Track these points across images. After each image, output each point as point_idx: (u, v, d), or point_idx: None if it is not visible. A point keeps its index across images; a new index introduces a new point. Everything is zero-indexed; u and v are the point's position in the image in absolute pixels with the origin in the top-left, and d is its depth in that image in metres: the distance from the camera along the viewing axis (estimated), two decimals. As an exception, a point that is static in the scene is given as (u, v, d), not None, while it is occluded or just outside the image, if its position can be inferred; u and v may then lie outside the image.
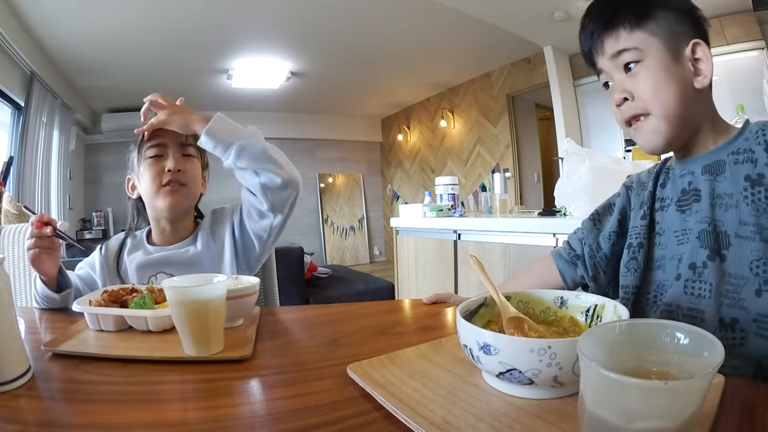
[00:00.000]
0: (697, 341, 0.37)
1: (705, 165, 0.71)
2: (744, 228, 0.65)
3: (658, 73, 0.70)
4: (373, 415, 0.46)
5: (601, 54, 0.74)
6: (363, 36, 4.11)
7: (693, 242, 0.69)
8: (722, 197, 0.68)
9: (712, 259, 0.67)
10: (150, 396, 0.54)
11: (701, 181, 0.71)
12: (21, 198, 3.46)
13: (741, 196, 0.66)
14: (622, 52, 0.71)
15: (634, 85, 0.71)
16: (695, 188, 0.72)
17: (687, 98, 0.70)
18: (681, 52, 0.70)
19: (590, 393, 0.34)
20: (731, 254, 0.66)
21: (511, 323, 0.55)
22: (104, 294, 0.80)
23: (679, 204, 0.74)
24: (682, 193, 0.74)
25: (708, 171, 0.71)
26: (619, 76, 0.73)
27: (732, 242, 0.66)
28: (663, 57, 0.70)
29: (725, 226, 0.67)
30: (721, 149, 0.70)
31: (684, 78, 0.70)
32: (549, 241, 1.87)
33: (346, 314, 0.91)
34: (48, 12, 3.22)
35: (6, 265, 0.75)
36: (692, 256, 0.69)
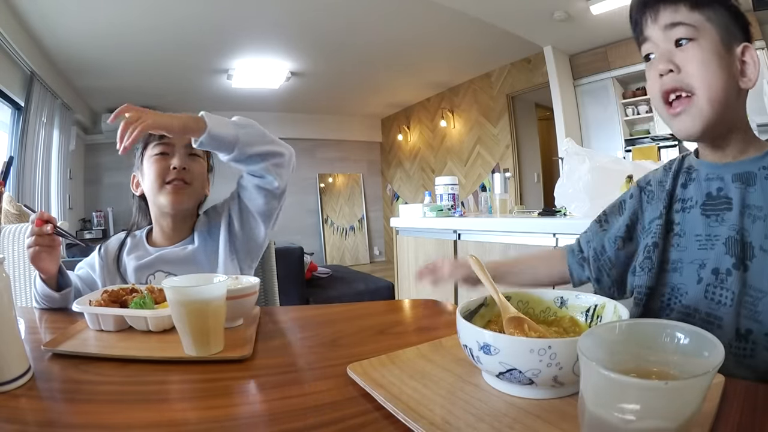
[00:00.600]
0: (697, 341, 0.37)
1: (735, 173, 0.70)
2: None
3: (710, 55, 0.68)
4: (373, 415, 0.46)
5: (653, 21, 0.71)
6: (363, 36, 4.11)
7: (719, 248, 0.68)
8: (752, 208, 0.67)
9: (737, 267, 0.66)
10: (150, 396, 0.54)
11: (732, 188, 0.70)
12: (21, 198, 3.46)
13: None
14: (678, 25, 0.69)
15: (684, 60, 0.69)
16: (726, 196, 0.71)
17: (732, 90, 0.68)
18: (732, 48, 0.69)
19: (590, 393, 0.34)
20: (754, 266, 0.65)
21: (511, 323, 0.55)
22: (104, 294, 0.80)
23: (704, 208, 0.72)
24: (708, 197, 0.73)
25: (739, 179, 0.70)
26: (668, 46, 0.70)
27: (756, 254, 0.65)
28: (716, 44, 0.68)
29: (751, 236, 0.66)
30: (753, 162, 0.70)
31: (732, 71, 0.68)
32: (549, 241, 1.86)
33: (346, 314, 0.91)
34: (48, 12, 3.22)
35: (6, 265, 0.75)
36: (716, 261, 0.68)
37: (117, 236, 1.14)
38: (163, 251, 1.06)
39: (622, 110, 4.18)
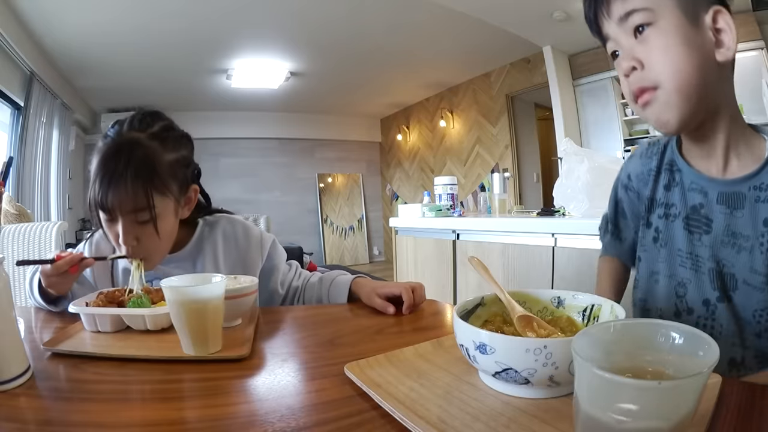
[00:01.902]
0: (692, 341, 0.37)
1: (722, 192, 0.65)
2: (754, 277, 0.61)
3: (673, 38, 0.60)
4: (369, 414, 0.46)
5: (607, 17, 0.64)
6: (362, 36, 4.11)
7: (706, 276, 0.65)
8: (737, 237, 0.63)
9: (722, 300, 0.64)
10: (149, 395, 0.54)
11: (716, 211, 0.65)
12: (21, 198, 3.46)
13: (757, 241, 0.61)
14: (632, 13, 0.62)
15: (645, 52, 0.61)
16: (707, 216, 0.66)
17: (707, 70, 0.60)
18: (700, 18, 0.60)
19: (584, 393, 0.34)
20: (737, 298, 0.63)
21: (521, 321, 0.55)
22: (100, 296, 0.80)
23: (687, 221, 0.68)
24: (693, 210, 0.68)
25: (725, 202, 0.64)
26: (629, 41, 0.63)
27: (739, 287, 0.63)
28: (679, 20, 0.60)
29: (735, 268, 0.63)
30: (742, 182, 0.63)
31: (704, 47, 0.60)
32: (548, 241, 1.87)
33: (344, 314, 0.91)
34: (48, 12, 3.22)
35: (6, 265, 0.75)
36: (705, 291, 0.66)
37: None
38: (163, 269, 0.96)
39: (621, 110, 4.18)
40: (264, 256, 1.05)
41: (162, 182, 0.86)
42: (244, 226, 1.06)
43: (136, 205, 0.83)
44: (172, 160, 0.89)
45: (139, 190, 0.82)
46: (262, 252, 1.05)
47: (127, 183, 0.81)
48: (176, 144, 0.92)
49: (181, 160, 0.92)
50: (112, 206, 0.82)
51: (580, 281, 1.69)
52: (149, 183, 0.83)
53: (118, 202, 0.81)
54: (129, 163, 0.81)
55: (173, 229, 0.93)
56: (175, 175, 0.90)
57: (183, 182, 0.93)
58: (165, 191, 0.87)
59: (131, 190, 0.81)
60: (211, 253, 1.01)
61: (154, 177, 0.84)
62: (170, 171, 0.88)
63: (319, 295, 1.03)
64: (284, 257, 1.10)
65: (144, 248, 0.87)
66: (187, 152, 0.96)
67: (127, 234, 0.84)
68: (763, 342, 0.63)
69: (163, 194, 0.86)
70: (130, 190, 0.81)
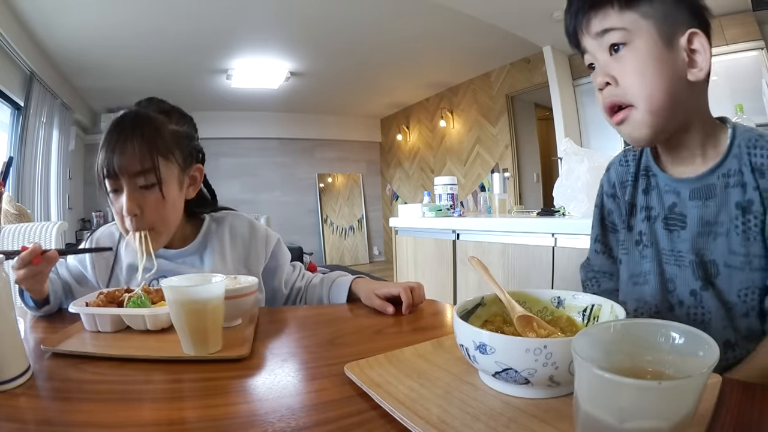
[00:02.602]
0: (692, 341, 0.37)
1: (693, 189, 0.68)
2: (733, 258, 0.64)
3: (646, 60, 0.63)
4: (369, 414, 0.46)
5: (585, 32, 0.68)
6: (362, 36, 4.11)
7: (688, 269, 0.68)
8: (711, 224, 0.66)
9: (705, 288, 0.67)
10: (148, 395, 0.54)
11: (688, 206, 0.68)
12: (21, 198, 3.46)
13: (732, 225, 0.64)
14: (608, 31, 0.65)
15: (620, 70, 0.65)
16: (681, 213, 0.69)
17: (677, 91, 0.64)
18: (675, 40, 0.64)
19: (584, 392, 0.34)
20: (720, 282, 0.66)
21: (521, 321, 0.55)
22: (100, 296, 0.80)
23: (666, 221, 0.71)
24: (669, 210, 0.71)
25: (697, 196, 0.67)
26: (604, 57, 0.67)
27: (720, 271, 0.65)
28: (654, 42, 0.63)
29: (714, 254, 0.66)
30: (711, 173, 0.66)
31: (675, 68, 0.64)
32: (548, 241, 1.87)
33: (344, 314, 0.92)
34: (48, 12, 3.22)
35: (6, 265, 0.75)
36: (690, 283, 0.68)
37: (108, 228, 1.03)
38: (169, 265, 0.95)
39: (622, 110, 4.17)
40: (268, 253, 1.06)
41: (166, 147, 0.88)
42: (251, 222, 1.07)
43: (142, 167, 0.84)
44: (175, 130, 0.93)
45: (144, 152, 0.84)
46: (266, 249, 1.06)
47: (133, 144, 0.83)
48: (180, 119, 0.97)
49: (184, 134, 0.95)
50: (119, 168, 0.83)
51: (580, 281, 1.69)
52: (154, 146, 0.85)
53: (123, 163, 0.83)
54: (134, 128, 0.85)
55: (177, 203, 0.94)
56: (178, 144, 0.92)
57: (187, 155, 0.95)
58: (169, 156, 0.89)
59: (137, 151, 0.84)
60: (218, 248, 1.01)
61: (158, 140, 0.87)
62: (174, 139, 0.91)
63: (320, 296, 1.04)
64: (288, 257, 1.11)
65: (148, 218, 0.87)
66: (189, 129, 0.99)
67: (131, 200, 0.85)
68: (751, 321, 0.64)
69: (167, 159, 0.89)
70: (136, 151, 0.83)
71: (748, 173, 0.63)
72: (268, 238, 1.07)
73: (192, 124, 1.01)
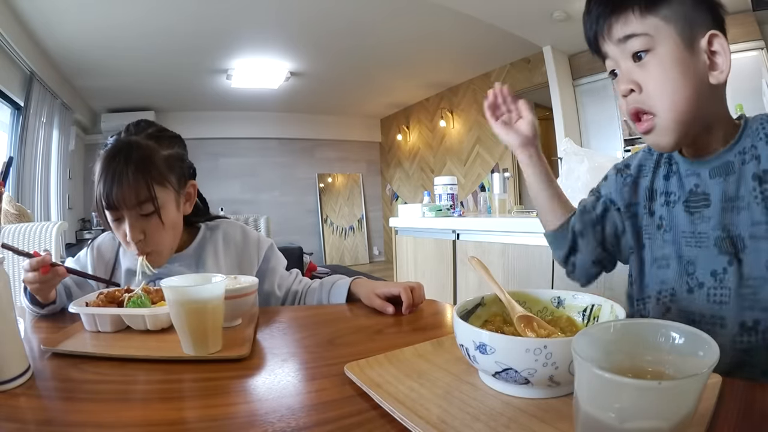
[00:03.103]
0: (692, 341, 0.37)
1: (713, 167, 0.68)
2: (757, 228, 0.64)
3: (670, 68, 0.63)
4: (369, 414, 0.46)
5: (607, 39, 0.67)
6: (362, 36, 4.11)
7: (711, 249, 0.68)
8: (733, 200, 0.66)
9: (731, 263, 0.66)
10: (148, 395, 0.54)
11: (710, 184, 0.68)
12: (21, 198, 3.46)
13: (751, 196, 0.64)
14: (631, 37, 0.65)
15: (644, 78, 0.65)
16: (704, 192, 0.69)
17: (700, 96, 0.64)
18: (696, 42, 0.64)
19: (584, 392, 0.34)
20: (747, 257, 0.65)
21: (521, 321, 0.55)
22: (100, 296, 0.80)
23: (687, 204, 0.71)
24: (690, 193, 0.71)
25: (718, 173, 0.68)
26: (627, 64, 0.67)
27: (747, 244, 0.65)
28: (676, 47, 0.63)
29: (739, 229, 0.66)
30: (728, 150, 0.67)
31: (697, 72, 0.64)
32: (548, 241, 1.86)
33: (344, 314, 0.92)
34: (48, 12, 3.22)
35: (6, 265, 0.75)
36: (712, 263, 0.68)
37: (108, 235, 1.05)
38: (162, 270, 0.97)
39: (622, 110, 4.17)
40: (260, 257, 1.09)
41: (161, 174, 0.92)
42: (243, 229, 1.11)
43: (139, 198, 0.88)
44: (167, 155, 0.96)
45: (141, 183, 0.88)
46: (258, 253, 1.09)
47: (128, 177, 0.87)
48: (170, 142, 0.99)
49: (176, 156, 0.99)
50: (118, 202, 0.87)
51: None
52: (149, 175, 0.89)
53: (122, 197, 0.87)
54: (129, 160, 0.88)
55: (177, 222, 0.98)
56: (172, 168, 0.96)
57: (180, 176, 0.99)
58: (164, 182, 0.93)
59: (133, 183, 0.87)
60: (213, 252, 1.05)
61: (153, 169, 0.90)
62: (167, 164, 0.95)
63: (319, 298, 1.06)
64: (283, 262, 1.13)
65: (151, 242, 0.92)
66: (180, 150, 1.02)
67: (134, 228, 0.89)
68: None
69: (163, 185, 0.93)
70: (132, 184, 0.87)
71: (762, 145, 0.65)
72: (260, 243, 1.10)
73: (181, 143, 1.04)
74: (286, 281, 1.10)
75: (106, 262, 1.03)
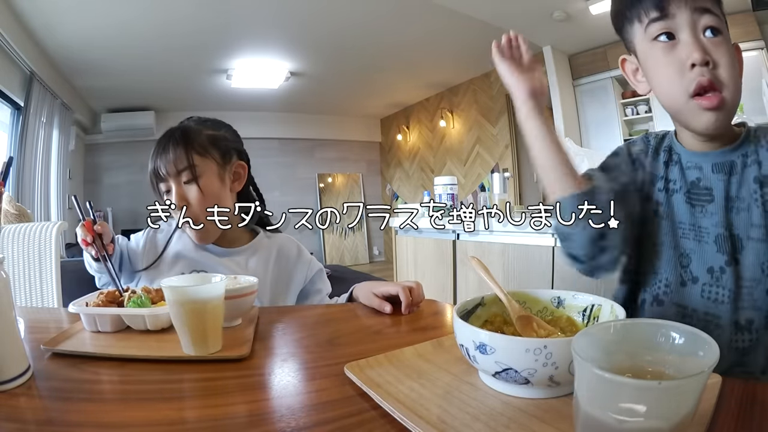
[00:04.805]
0: (692, 341, 0.37)
1: (715, 163, 0.69)
2: (755, 230, 0.65)
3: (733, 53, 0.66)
4: (369, 414, 0.46)
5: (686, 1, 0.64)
6: (362, 36, 4.11)
7: (710, 246, 0.68)
8: (734, 200, 0.67)
9: (730, 264, 0.66)
10: (148, 395, 0.54)
11: (713, 179, 0.69)
12: (21, 198, 3.46)
13: (752, 198, 0.66)
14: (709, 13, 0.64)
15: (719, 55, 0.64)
16: (706, 187, 0.70)
17: None
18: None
19: (584, 393, 0.34)
20: (744, 258, 0.66)
21: (521, 321, 0.55)
22: (100, 296, 0.80)
23: (689, 195, 0.71)
24: (692, 185, 0.71)
25: (720, 170, 0.69)
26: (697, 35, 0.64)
27: (744, 245, 0.66)
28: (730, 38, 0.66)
29: (737, 229, 0.66)
30: (732, 150, 0.69)
31: None
32: (548, 241, 1.87)
33: (344, 314, 0.92)
34: (48, 12, 3.22)
35: (6, 265, 0.75)
36: (710, 260, 0.68)
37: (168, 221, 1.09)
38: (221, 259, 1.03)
39: (622, 110, 4.18)
40: (308, 277, 1.13)
41: (201, 146, 1.01)
42: (299, 247, 1.17)
43: (179, 166, 0.98)
44: (211, 134, 1.06)
45: (181, 153, 0.98)
46: (307, 273, 1.13)
47: (170, 149, 0.99)
48: (216, 125, 1.10)
49: (221, 136, 1.08)
50: (162, 172, 0.99)
51: (580, 281, 1.68)
52: (189, 146, 0.99)
53: (165, 165, 0.98)
54: (172, 136, 1.01)
55: (220, 195, 1.04)
56: (214, 143, 1.05)
57: (225, 152, 1.06)
58: (204, 153, 1.02)
59: (174, 153, 0.98)
60: (264, 257, 1.09)
61: (194, 142, 1.01)
62: (210, 140, 1.04)
63: None
64: (328, 289, 1.16)
65: (195, 209, 0.99)
66: (227, 133, 1.11)
67: (178, 195, 0.99)
68: None
69: (203, 156, 1.01)
70: (173, 154, 0.98)
71: (764, 151, 0.66)
72: (311, 264, 1.15)
73: (230, 130, 1.13)
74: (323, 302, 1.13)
75: (158, 248, 1.06)
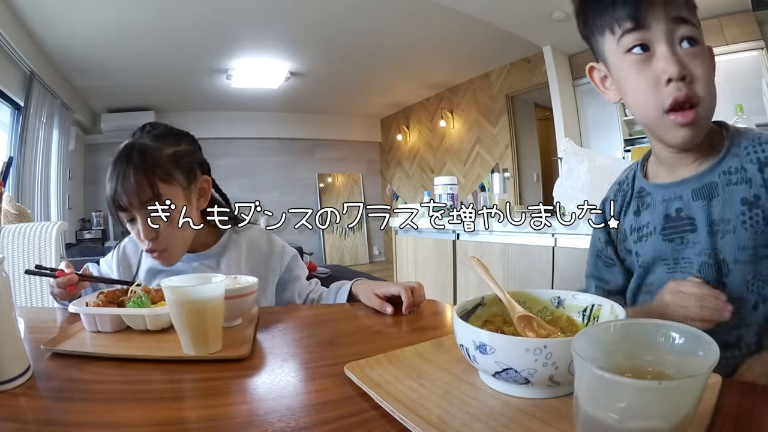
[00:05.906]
0: (692, 341, 0.37)
1: (695, 189, 0.67)
2: (742, 253, 0.64)
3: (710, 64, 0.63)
4: (369, 414, 0.46)
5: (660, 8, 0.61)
6: (362, 36, 4.11)
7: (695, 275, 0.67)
8: (719, 223, 0.65)
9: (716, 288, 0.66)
10: (148, 395, 0.54)
11: (694, 208, 0.67)
12: (21, 198, 3.45)
13: (738, 221, 0.63)
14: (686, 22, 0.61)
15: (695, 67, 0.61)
16: (688, 216, 0.68)
17: None
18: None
19: (584, 393, 0.34)
20: (731, 280, 0.65)
21: (521, 321, 0.55)
22: (100, 296, 0.80)
23: (665, 232, 0.70)
24: (666, 219, 0.70)
25: (701, 196, 0.66)
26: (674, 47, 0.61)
27: (731, 269, 0.65)
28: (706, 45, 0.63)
29: (724, 253, 0.65)
30: (711, 171, 0.66)
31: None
32: (548, 241, 1.87)
33: (344, 314, 0.92)
34: (48, 12, 3.22)
35: (6, 265, 0.75)
36: None
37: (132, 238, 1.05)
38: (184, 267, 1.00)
39: (622, 110, 4.17)
40: (283, 266, 1.10)
41: (164, 171, 0.92)
42: (269, 236, 1.12)
43: (144, 197, 0.89)
44: (172, 152, 0.96)
45: (143, 182, 0.89)
46: (282, 262, 1.10)
47: (131, 179, 0.88)
48: (176, 139, 1.00)
49: (182, 152, 0.99)
50: (126, 203, 0.89)
51: (580, 281, 1.69)
52: (152, 173, 0.90)
53: (127, 197, 0.89)
54: (131, 161, 0.90)
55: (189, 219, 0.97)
56: (177, 165, 0.96)
57: (189, 171, 0.99)
58: (169, 179, 0.93)
59: (136, 184, 0.88)
60: (236, 255, 1.05)
61: (156, 167, 0.91)
62: (172, 161, 0.95)
63: (327, 301, 1.08)
64: (305, 272, 1.15)
65: (164, 240, 0.93)
66: (187, 146, 1.02)
67: (145, 228, 0.90)
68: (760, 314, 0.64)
69: (168, 182, 0.93)
70: (135, 185, 0.88)
71: (754, 171, 0.63)
72: (285, 251, 1.11)
73: (188, 140, 1.04)
74: (306, 289, 1.12)
75: (131, 264, 1.04)
